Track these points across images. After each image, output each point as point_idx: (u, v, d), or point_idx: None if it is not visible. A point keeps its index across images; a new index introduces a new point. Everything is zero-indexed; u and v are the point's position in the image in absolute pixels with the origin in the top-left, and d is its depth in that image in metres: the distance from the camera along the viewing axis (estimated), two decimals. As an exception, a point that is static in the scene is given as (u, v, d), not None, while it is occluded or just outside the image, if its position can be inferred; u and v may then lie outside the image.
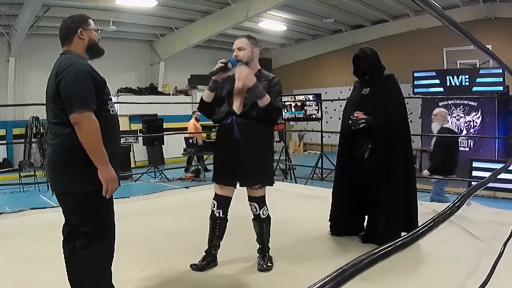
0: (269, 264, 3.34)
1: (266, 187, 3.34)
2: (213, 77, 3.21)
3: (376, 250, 1.17)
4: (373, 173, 3.78)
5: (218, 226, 3.35)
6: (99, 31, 2.62)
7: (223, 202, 3.33)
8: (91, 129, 2.30)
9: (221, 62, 3.17)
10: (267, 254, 3.42)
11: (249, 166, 3.22)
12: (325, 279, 0.94)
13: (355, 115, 3.86)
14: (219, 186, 3.34)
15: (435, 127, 6.35)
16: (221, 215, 3.33)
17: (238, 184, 3.33)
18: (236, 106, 3.24)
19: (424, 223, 1.54)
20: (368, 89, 3.93)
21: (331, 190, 4.23)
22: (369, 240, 3.82)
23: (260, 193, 3.33)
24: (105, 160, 2.35)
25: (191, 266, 3.38)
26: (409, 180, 3.87)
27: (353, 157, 3.89)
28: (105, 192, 2.36)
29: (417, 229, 1.47)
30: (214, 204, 3.34)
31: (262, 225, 3.37)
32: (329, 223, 4.18)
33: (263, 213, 3.35)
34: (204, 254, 3.41)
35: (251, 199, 3.35)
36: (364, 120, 3.79)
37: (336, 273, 0.98)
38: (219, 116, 3.32)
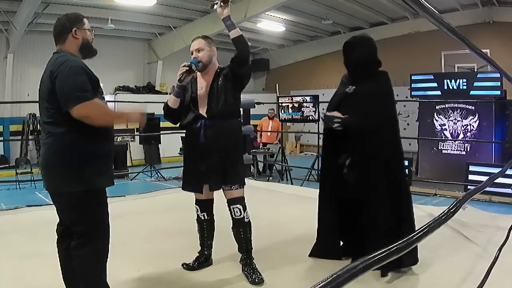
0: (260, 277, 3.14)
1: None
2: (182, 82, 3.12)
3: (371, 256, 1.17)
4: (357, 183, 3.29)
5: (205, 228, 3.40)
6: (93, 30, 2.62)
7: (205, 205, 3.37)
8: (98, 112, 2.37)
9: (184, 66, 3.09)
10: (255, 265, 3.24)
11: (226, 167, 3.14)
12: (319, 284, 0.94)
13: (328, 114, 3.37)
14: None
15: None
16: (206, 217, 3.38)
17: (219, 187, 3.19)
18: (203, 109, 3.18)
19: (419, 228, 1.54)
20: (354, 87, 3.39)
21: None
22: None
23: (241, 193, 3.20)
24: (123, 116, 2.69)
25: (182, 265, 3.40)
26: (398, 188, 3.29)
27: (336, 164, 3.40)
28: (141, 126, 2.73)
29: (412, 234, 1.47)
30: (197, 209, 3.39)
31: (246, 230, 3.20)
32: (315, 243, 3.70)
33: (247, 215, 3.20)
34: (197, 255, 3.43)
35: (233, 201, 3.16)
36: (340, 120, 3.25)
37: (330, 278, 0.98)
38: (186, 121, 3.23)
